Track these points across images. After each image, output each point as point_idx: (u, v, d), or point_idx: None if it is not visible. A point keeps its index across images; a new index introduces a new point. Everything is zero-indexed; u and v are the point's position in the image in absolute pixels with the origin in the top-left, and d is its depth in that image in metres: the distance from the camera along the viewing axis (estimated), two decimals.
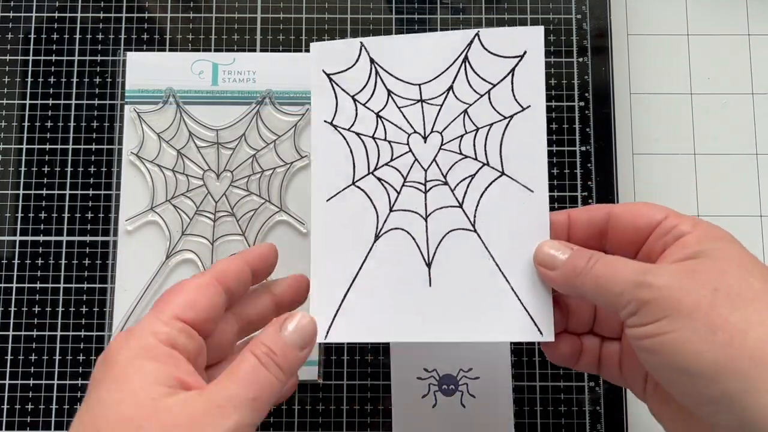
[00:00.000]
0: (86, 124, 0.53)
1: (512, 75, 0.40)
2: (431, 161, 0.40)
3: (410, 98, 0.41)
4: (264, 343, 0.32)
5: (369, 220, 0.40)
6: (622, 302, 0.31)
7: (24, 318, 0.51)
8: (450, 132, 0.40)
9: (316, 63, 0.41)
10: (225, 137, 0.52)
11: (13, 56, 0.54)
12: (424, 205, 0.40)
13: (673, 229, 0.33)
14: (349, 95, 0.41)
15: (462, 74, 0.40)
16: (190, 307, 0.32)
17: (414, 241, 0.39)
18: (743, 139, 0.55)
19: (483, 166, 0.40)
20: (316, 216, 0.39)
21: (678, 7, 0.57)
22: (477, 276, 0.38)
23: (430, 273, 0.39)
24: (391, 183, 0.40)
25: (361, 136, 0.41)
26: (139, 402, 0.29)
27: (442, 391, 0.48)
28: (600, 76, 0.54)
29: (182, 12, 0.55)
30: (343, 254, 0.39)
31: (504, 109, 0.40)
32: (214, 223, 0.52)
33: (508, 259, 0.38)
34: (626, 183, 0.54)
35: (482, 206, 0.39)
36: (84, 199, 0.52)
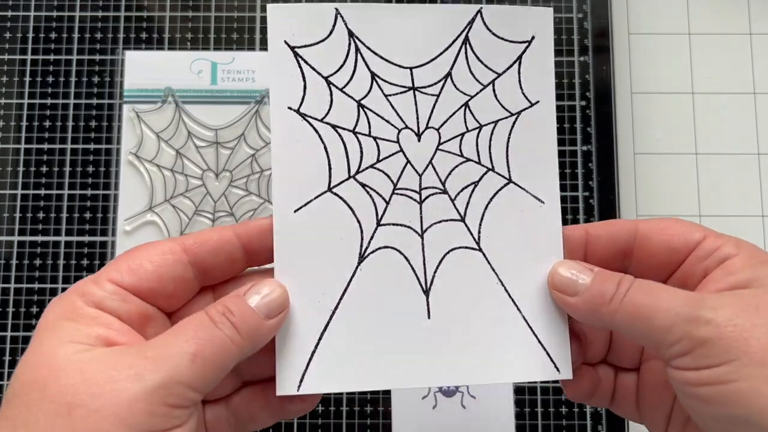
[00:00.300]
0: (85, 123, 0.53)
1: (519, 64, 0.33)
2: (427, 164, 0.33)
3: (400, 85, 0.33)
4: (221, 303, 0.28)
5: (351, 237, 0.32)
6: (669, 339, 0.27)
7: (22, 318, 0.50)
8: (449, 129, 0.33)
9: (275, 31, 0.32)
10: (224, 137, 0.52)
11: (11, 56, 0.54)
12: (420, 218, 0.32)
13: (714, 251, 0.29)
14: (321, 76, 0.32)
15: (462, 58, 0.33)
16: (132, 272, 0.28)
17: (408, 263, 0.32)
18: (745, 138, 0.55)
19: (488, 172, 0.33)
20: (281, 232, 0.31)
21: (679, 6, 0.57)
22: (483, 304, 0.32)
23: (429, 302, 0.32)
24: (378, 190, 0.32)
25: (338, 130, 0.32)
26: (48, 361, 0.25)
27: (443, 392, 0.48)
28: (601, 75, 0.54)
29: (181, 11, 0.55)
30: (318, 283, 0.31)
31: (510, 103, 0.33)
32: (213, 223, 0.51)
33: (517, 283, 0.32)
34: (627, 183, 0.54)
35: (487, 220, 0.32)
36: (83, 199, 0.52)
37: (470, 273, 0.32)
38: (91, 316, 0.27)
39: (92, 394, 0.24)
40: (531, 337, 0.32)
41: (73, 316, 0.27)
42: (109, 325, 0.27)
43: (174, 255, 0.29)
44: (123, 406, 0.24)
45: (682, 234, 0.30)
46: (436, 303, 0.32)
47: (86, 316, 0.27)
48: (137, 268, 0.28)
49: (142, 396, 0.24)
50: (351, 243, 0.32)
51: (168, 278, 0.29)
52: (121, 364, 0.25)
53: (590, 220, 0.51)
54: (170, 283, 0.29)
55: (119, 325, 0.27)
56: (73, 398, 0.24)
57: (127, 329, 0.28)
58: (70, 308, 0.27)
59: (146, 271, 0.28)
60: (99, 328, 0.27)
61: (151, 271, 0.29)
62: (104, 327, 0.27)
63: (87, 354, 0.25)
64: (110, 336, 0.27)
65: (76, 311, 0.27)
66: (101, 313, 0.27)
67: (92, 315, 0.27)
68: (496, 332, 0.31)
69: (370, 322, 0.31)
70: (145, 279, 0.28)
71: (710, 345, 0.26)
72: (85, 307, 0.27)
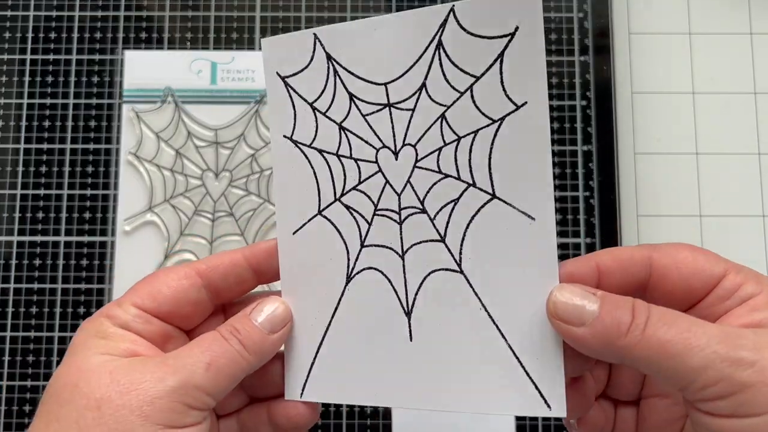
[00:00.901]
0: (84, 123, 0.53)
1: (500, 62, 0.29)
2: (405, 183, 0.31)
3: (376, 102, 0.31)
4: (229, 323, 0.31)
5: (339, 258, 0.32)
6: (703, 381, 0.24)
7: (22, 318, 0.50)
8: (425, 144, 0.31)
9: (269, 64, 0.33)
10: (224, 137, 0.52)
11: (11, 55, 0.54)
12: (400, 239, 0.31)
13: (736, 290, 0.27)
14: (307, 103, 0.32)
15: (436, 66, 0.30)
16: (152, 297, 0.31)
17: (390, 284, 0.31)
18: (746, 138, 0.54)
19: (468, 188, 0.30)
20: (284, 252, 0.33)
21: (680, 6, 0.56)
22: (465, 330, 0.30)
23: (410, 324, 0.31)
24: (361, 212, 0.32)
25: (323, 154, 0.32)
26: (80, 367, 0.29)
27: None
28: (602, 75, 0.53)
29: (181, 10, 0.54)
30: (315, 300, 0.32)
31: (492, 109, 0.29)
32: (213, 223, 0.51)
33: (504, 309, 0.29)
34: (628, 183, 0.54)
35: (469, 240, 0.30)
36: (82, 199, 0.52)
37: (452, 297, 0.30)
38: (118, 334, 0.30)
39: (120, 392, 0.27)
40: (518, 369, 0.29)
41: (102, 335, 0.30)
42: (134, 342, 0.30)
43: (189, 280, 0.32)
44: (147, 402, 0.27)
45: (702, 271, 0.28)
46: (418, 325, 0.31)
47: (114, 335, 0.30)
48: (156, 293, 0.32)
49: (164, 394, 0.27)
50: (340, 263, 0.32)
51: (184, 301, 0.32)
52: (145, 369, 0.28)
53: (590, 220, 0.51)
54: (186, 306, 0.32)
55: (143, 342, 0.31)
56: (103, 395, 0.27)
57: (150, 345, 0.31)
58: (100, 328, 0.30)
59: (165, 296, 0.32)
60: (126, 343, 0.30)
61: (169, 295, 0.32)
62: (130, 342, 0.30)
63: (116, 362, 0.29)
64: (136, 349, 0.30)
65: (105, 330, 0.30)
66: (127, 332, 0.31)
67: (119, 334, 0.30)
68: (479, 361, 0.29)
69: (357, 340, 0.31)
70: (164, 303, 0.32)
71: (755, 391, 0.23)
72: (112, 327, 0.30)
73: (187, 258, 0.51)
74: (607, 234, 0.51)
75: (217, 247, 0.51)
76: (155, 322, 0.31)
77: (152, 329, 0.31)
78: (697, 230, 0.53)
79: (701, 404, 0.24)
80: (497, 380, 0.29)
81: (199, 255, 0.51)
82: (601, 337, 0.26)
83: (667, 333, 0.25)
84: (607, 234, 0.51)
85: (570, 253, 0.50)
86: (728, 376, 0.23)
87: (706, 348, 0.24)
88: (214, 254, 0.34)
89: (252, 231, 0.51)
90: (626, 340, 0.25)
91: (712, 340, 0.24)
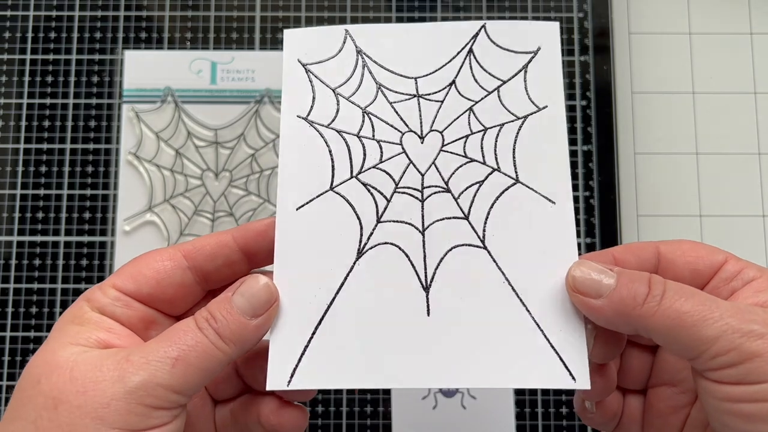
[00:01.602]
0: (84, 123, 0.53)
1: (525, 72, 0.34)
2: (430, 164, 0.33)
3: (404, 93, 0.34)
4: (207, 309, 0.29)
5: (350, 234, 0.32)
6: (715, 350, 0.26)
7: (21, 318, 0.50)
8: (452, 131, 0.34)
9: (290, 52, 0.35)
10: (224, 136, 0.52)
11: (11, 55, 0.54)
12: (421, 215, 0.33)
13: (739, 273, 0.29)
14: (329, 88, 0.35)
15: (467, 68, 0.34)
16: (133, 279, 0.30)
17: (408, 258, 0.32)
18: (745, 138, 0.55)
19: (493, 172, 0.33)
20: (282, 228, 0.32)
21: (680, 6, 0.56)
22: (488, 303, 0.31)
23: (429, 299, 0.31)
24: (380, 189, 0.33)
25: (343, 134, 0.34)
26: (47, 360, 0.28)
27: (443, 392, 0.48)
28: (602, 75, 0.53)
29: (181, 10, 0.54)
30: (315, 277, 0.32)
31: (517, 108, 0.34)
32: (213, 223, 0.51)
33: (527, 283, 0.31)
34: (628, 182, 0.54)
35: (493, 218, 0.32)
36: (82, 199, 0.52)
37: (474, 271, 0.31)
38: (94, 320, 0.29)
39: (76, 392, 0.26)
40: (543, 342, 0.30)
41: (79, 321, 0.29)
42: (110, 329, 0.29)
43: (173, 261, 0.30)
44: (103, 404, 0.26)
45: (705, 257, 0.30)
46: (437, 300, 0.31)
47: (90, 321, 0.29)
48: (137, 274, 0.30)
49: (121, 396, 0.26)
50: (350, 239, 0.32)
51: (167, 284, 0.30)
52: (106, 366, 0.27)
53: (591, 220, 0.51)
54: (169, 288, 0.30)
55: (120, 329, 0.29)
56: (60, 394, 0.26)
57: (128, 333, 0.29)
58: (78, 313, 0.29)
59: (145, 276, 0.30)
60: (100, 332, 0.29)
61: (149, 276, 0.30)
62: (105, 331, 0.29)
63: (81, 356, 0.27)
64: (109, 339, 0.28)
65: (82, 316, 0.29)
66: (104, 318, 0.29)
67: (95, 319, 0.29)
68: (502, 334, 0.30)
69: (366, 317, 0.31)
70: (144, 285, 0.30)
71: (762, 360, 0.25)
72: (90, 312, 0.29)
73: None
74: (607, 234, 0.51)
75: None
76: (136, 305, 0.30)
77: (132, 314, 0.30)
78: (697, 230, 0.53)
79: (710, 373, 0.26)
80: (521, 353, 0.30)
81: None
82: (618, 308, 0.27)
83: (685, 305, 0.26)
84: (607, 234, 0.51)
85: None
86: (739, 346, 0.25)
87: (719, 320, 0.26)
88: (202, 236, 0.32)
89: None
90: (642, 310, 0.27)
91: (726, 313, 0.26)
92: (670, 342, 0.27)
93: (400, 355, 0.30)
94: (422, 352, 0.30)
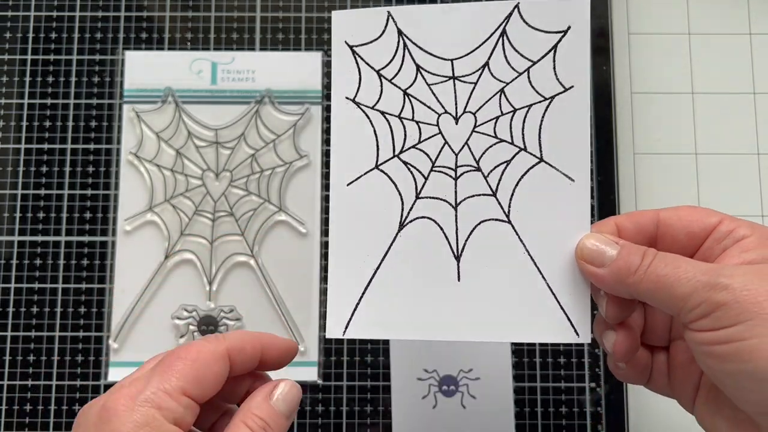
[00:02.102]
0: (85, 123, 0.53)
1: (554, 52, 0.36)
2: (463, 144, 0.37)
3: (441, 75, 0.37)
4: (256, 414, 0.32)
5: (393, 208, 0.37)
6: (690, 304, 0.29)
7: (23, 318, 0.51)
8: (484, 113, 0.37)
9: (338, 33, 0.38)
10: (224, 137, 0.52)
11: (11, 56, 0.54)
12: (454, 192, 0.37)
13: (731, 232, 0.32)
14: (374, 70, 0.38)
15: (499, 49, 0.37)
16: (199, 383, 0.31)
17: (442, 231, 0.36)
18: (744, 138, 0.55)
19: (520, 152, 0.36)
20: (336, 202, 0.37)
21: (679, 6, 0.57)
22: (509, 271, 0.36)
23: (459, 267, 0.36)
24: (418, 167, 0.37)
25: (386, 116, 0.37)
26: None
27: (443, 391, 0.48)
28: (601, 75, 0.54)
29: (181, 11, 0.55)
30: (364, 244, 0.37)
31: (544, 89, 0.36)
32: (213, 222, 0.51)
33: (544, 254, 0.35)
34: (627, 182, 0.54)
35: (518, 195, 0.36)
36: (83, 199, 0.52)
37: (499, 243, 0.36)
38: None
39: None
40: (554, 303, 0.35)
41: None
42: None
43: (225, 362, 0.33)
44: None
45: (700, 219, 0.33)
46: (466, 267, 0.36)
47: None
48: (203, 378, 0.32)
49: None
50: (393, 212, 0.37)
51: (220, 384, 0.32)
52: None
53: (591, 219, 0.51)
54: (219, 387, 0.33)
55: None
56: None
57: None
58: (151, 422, 0.30)
59: (209, 381, 0.32)
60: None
61: (212, 380, 0.32)
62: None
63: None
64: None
65: (159, 428, 0.30)
66: (177, 430, 0.30)
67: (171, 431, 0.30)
68: (521, 297, 0.35)
69: (407, 280, 0.36)
70: (208, 390, 0.32)
71: (727, 307, 0.28)
72: (165, 424, 0.30)
73: (187, 258, 0.51)
74: None
75: (218, 246, 0.51)
76: (197, 410, 0.32)
77: (193, 419, 0.31)
78: None
79: (691, 324, 0.30)
80: (535, 312, 0.35)
81: (199, 255, 0.51)
82: (616, 275, 0.32)
83: (663, 270, 0.30)
84: None
85: None
86: (707, 298, 0.29)
87: (692, 279, 0.29)
88: (234, 333, 0.34)
89: (252, 231, 0.51)
90: (634, 278, 0.31)
91: (698, 273, 0.30)
92: (657, 302, 0.31)
93: (434, 313, 0.36)
94: (453, 311, 0.36)
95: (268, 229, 0.51)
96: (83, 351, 0.50)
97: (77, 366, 0.50)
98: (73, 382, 0.50)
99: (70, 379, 0.50)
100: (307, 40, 0.54)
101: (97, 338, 0.50)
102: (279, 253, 0.51)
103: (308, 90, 0.53)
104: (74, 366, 0.50)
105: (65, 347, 0.50)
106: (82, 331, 0.50)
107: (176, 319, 0.50)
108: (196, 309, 0.50)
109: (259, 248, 0.51)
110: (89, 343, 0.50)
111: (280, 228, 0.52)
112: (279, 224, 0.52)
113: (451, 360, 0.48)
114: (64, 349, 0.50)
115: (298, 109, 0.52)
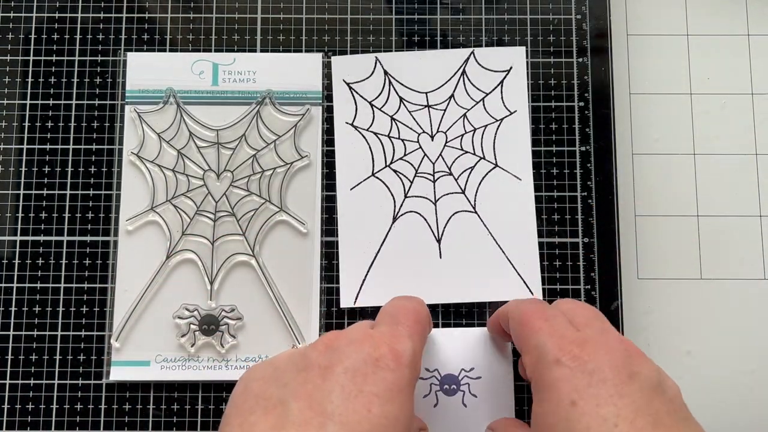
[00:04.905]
0: (86, 124, 0.53)
1: (501, 86, 0.50)
2: (438, 156, 0.50)
3: (419, 104, 0.50)
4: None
5: (387, 206, 0.49)
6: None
7: (24, 318, 0.51)
8: (452, 132, 0.50)
9: (337, 74, 0.51)
10: (225, 137, 0.52)
11: (13, 56, 0.54)
12: (433, 192, 0.49)
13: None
14: (367, 101, 0.50)
15: (461, 85, 0.50)
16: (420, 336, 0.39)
17: (426, 221, 0.49)
18: (743, 139, 0.55)
19: (480, 160, 0.50)
20: (342, 203, 0.49)
21: (678, 8, 0.57)
22: (478, 249, 0.49)
23: (440, 247, 0.49)
24: (405, 174, 0.49)
25: (378, 135, 0.50)
26: None
27: (444, 391, 0.48)
28: (600, 76, 0.54)
29: (182, 12, 0.55)
30: (367, 234, 0.49)
31: (496, 113, 0.50)
32: (215, 223, 0.52)
33: (503, 235, 0.49)
34: (626, 183, 0.54)
35: (480, 192, 0.49)
36: (84, 199, 0.52)
37: (469, 228, 0.49)
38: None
39: None
40: (512, 271, 0.49)
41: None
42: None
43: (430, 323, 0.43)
44: None
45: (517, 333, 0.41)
46: (445, 248, 0.49)
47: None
48: (423, 332, 0.41)
49: None
50: (387, 210, 0.49)
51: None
52: None
53: (589, 220, 0.52)
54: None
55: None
56: None
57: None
58: (394, 332, 0.38)
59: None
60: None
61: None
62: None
63: None
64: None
65: (399, 337, 0.37)
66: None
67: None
68: (487, 268, 0.48)
69: (401, 260, 0.49)
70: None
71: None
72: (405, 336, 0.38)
73: (188, 258, 0.51)
74: (605, 234, 0.52)
75: (219, 246, 0.51)
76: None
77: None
78: (694, 230, 0.54)
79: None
80: (499, 279, 0.48)
81: (201, 255, 0.51)
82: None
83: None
84: (604, 234, 0.52)
85: (568, 253, 0.51)
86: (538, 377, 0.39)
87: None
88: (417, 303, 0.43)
89: (253, 231, 0.51)
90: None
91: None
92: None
93: (422, 283, 0.48)
94: (437, 282, 0.48)
95: (268, 229, 0.52)
96: (85, 350, 0.50)
97: (79, 365, 0.50)
98: (74, 381, 0.50)
99: (71, 378, 0.50)
100: (308, 42, 0.54)
101: (98, 338, 0.51)
102: (280, 253, 0.51)
103: (309, 91, 0.53)
104: (76, 366, 0.50)
105: (67, 347, 0.50)
106: (83, 330, 0.51)
107: (178, 319, 0.50)
108: (198, 308, 0.50)
109: (259, 248, 0.51)
110: (91, 343, 0.50)
111: (280, 228, 0.52)
112: (280, 224, 0.52)
113: (452, 359, 0.48)
114: (66, 349, 0.50)
115: (298, 109, 0.53)
